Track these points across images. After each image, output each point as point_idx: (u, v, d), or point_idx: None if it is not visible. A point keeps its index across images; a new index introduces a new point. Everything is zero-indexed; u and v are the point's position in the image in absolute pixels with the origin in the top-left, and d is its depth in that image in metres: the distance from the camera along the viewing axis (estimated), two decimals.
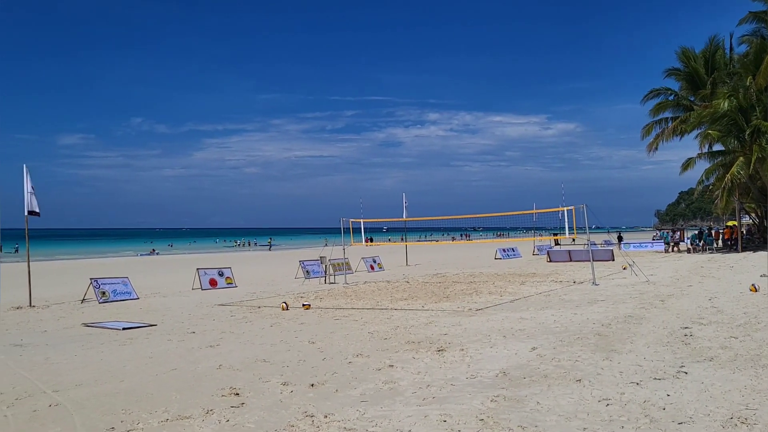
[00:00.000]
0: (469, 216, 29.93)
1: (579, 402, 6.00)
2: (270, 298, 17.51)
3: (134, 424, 5.76)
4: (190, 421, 5.79)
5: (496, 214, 25.75)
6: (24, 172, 17.09)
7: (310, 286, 21.70)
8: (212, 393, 6.85)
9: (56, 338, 11.33)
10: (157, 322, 13.08)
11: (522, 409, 5.80)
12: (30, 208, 17.12)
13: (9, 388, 7.34)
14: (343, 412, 5.94)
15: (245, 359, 8.75)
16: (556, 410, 5.73)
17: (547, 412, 5.70)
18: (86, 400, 6.68)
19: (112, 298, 17.64)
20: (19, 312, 15.59)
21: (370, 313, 13.69)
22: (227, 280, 21.99)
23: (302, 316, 13.49)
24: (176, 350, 9.69)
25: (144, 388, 7.22)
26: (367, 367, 7.98)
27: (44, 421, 5.93)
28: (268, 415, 5.91)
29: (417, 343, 9.60)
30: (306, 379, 7.38)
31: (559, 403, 5.96)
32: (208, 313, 14.53)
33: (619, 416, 5.50)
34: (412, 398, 6.37)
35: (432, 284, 20.98)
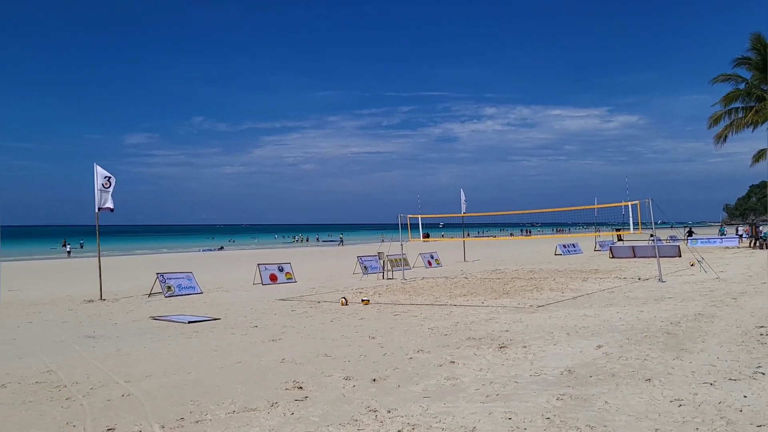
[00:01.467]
0: (527, 211, 29.50)
1: (649, 402, 5.80)
2: (329, 294, 17.67)
3: (202, 415, 5.90)
4: (255, 414, 5.88)
5: (556, 209, 25.22)
6: (94, 170, 17.76)
7: (368, 281, 21.80)
8: (276, 386, 6.95)
9: (126, 331, 11.74)
10: (221, 316, 13.38)
11: (589, 409, 5.66)
12: (101, 205, 17.77)
13: (84, 378, 7.64)
14: (406, 407, 5.92)
15: (307, 353, 8.85)
16: (626, 410, 5.56)
17: (616, 411, 5.54)
18: (156, 391, 6.88)
19: (177, 293, 18.16)
20: (90, 305, 16.23)
21: (429, 309, 13.64)
22: (287, 276, 22.32)
23: (361, 311, 13.55)
24: (240, 344, 9.89)
25: (210, 380, 7.38)
26: (428, 363, 7.95)
27: (118, 411, 6.14)
28: (332, 409, 5.95)
29: (478, 340, 9.50)
30: (368, 374, 7.41)
31: (629, 403, 5.78)
32: (269, 307, 14.78)
33: (692, 417, 5.29)
34: (475, 395, 6.30)
35: (491, 280, 20.76)
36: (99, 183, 17.72)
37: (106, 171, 17.82)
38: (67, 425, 5.70)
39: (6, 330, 12.12)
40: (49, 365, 8.51)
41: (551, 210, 25.69)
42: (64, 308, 15.58)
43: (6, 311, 15.19)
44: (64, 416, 6.00)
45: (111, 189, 17.85)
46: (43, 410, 6.24)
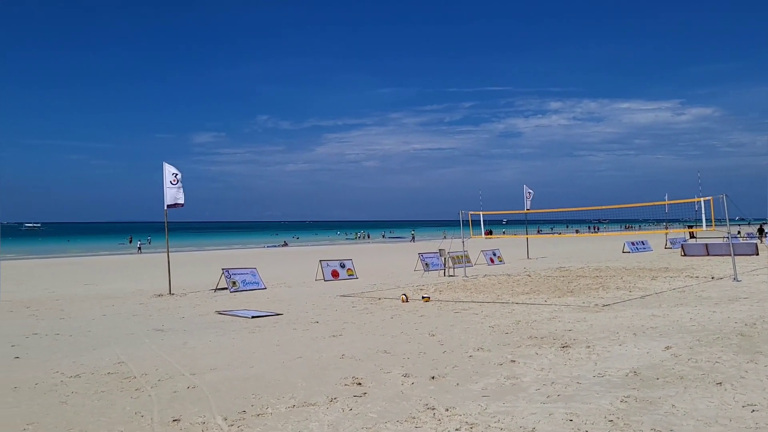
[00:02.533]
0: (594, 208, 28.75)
1: (720, 407, 5.56)
2: (390, 290, 17.72)
3: (263, 408, 6.01)
4: (315, 408, 5.95)
5: (624, 205, 24.49)
6: (163, 169, 18.37)
7: (429, 278, 21.75)
8: (336, 382, 7.01)
9: (193, 324, 12.10)
10: (283, 311, 13.62)
11: (655, 412, 5.46)
12: (169, 202, 18.37)
13: (153, 370, 7.92)
14: (465, 406, 5.87)
15: (367, 350, 8.90)
16: (694, 414, 5.34)
17: (684, 416, 5.33)
18: (220, 384, 7.06)
19: (241, 288, 18.59)
20: (160, 299, 16.81)
21: (490, 306, 13.49)
22: (348, 272, 22.52)
23: (422, 308, 13.53)
24: (301, 339, 10.03)
25: (272, 374, 7.52)
26: (488, 362, 7.86)
27: (183, 402, 6.33)
28: (390, 406, 5.96)
29: (540, 339, 9.33)
30: (427, 372, 7.38)
31: (697, 407, 5.55)
32: (330, 303, 14.95)
33: (766, 424, 5.03)
34: (535, 395, 6.18)
35: (555, 278, 20.36)
36: (167, 180, 18.32)
37: (173, 167, 18.39)
38: (136, 415, 5.92)
39: (82, 322, 12.70)
40: (120, 357, 8.87)
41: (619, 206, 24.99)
42: (136, 302, 16.20)
43: (82, 304, 15.92)
44: (133, 406, 6.24)
45: (179, 184, 18.41)
46: (113, 400, 6.51)
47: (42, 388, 7.10)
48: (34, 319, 13.25)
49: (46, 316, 13.81)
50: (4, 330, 11.81)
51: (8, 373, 8.00)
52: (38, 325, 12.35)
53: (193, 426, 5.51)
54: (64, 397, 6.67)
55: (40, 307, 15.33)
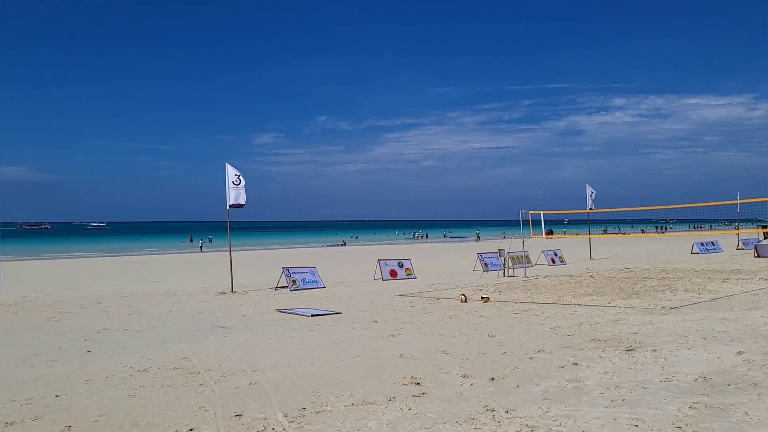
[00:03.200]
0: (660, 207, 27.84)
1: None
2: (448, 290, 17.63)
3: (323, 406, 6.07)
4: (373, 407, 5.97)
5: (692, 204, 23.59)
6: (226, 170, 18.81)
7: (488, 278, 21.53)
8: (394, 381, 7.01)
9: (254, 322, 12.34)
10: (342, 310, 13.73)
11: (726, 419, 5.23)
12: (232, 202, 18.80)
13: (216, 366, 8.11)
14: (525, 408, 5.77)
15: (425, 349, 8.87)
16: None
17: (758, 424, 5.08)
18: (280, 381, 7.17)
19: (301, 286, 18.85)
20: (223, 297, 17.22)
21: (551, 308, 13.24)
22: (407, 272, 22.52)
23: (481, 308, 13.40)
24: (360, 338, 10.09)
25: (331, 372, 7.59)
26: (549, 364, 7.71)
27: (245, 398, 6.46)
28: (449, 407, 5.91)
29: (603, 341, 9.09)
30: (486, 373, 7.30)
31: None
32: (388, 303, 14.98)
33: None
34: (599, 399, 6.02)
35: (619, 279, 19.81)
36: (230, 180, 18.75)
37: (236, 170, 18.82)
38: (200, 409, 6.07)
39: (149, 318, 13.13)
40: (185, 352, 9.13)
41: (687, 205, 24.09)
42: (200, 299, 16.64)
43: (149, 301, 16.47)
44: (197, 401, 6.40)
45: (241, 185, 18.82)
46: (179, 394, 6.70)
47: (112, 381, 7.38)
48: (104, 315, 13.79)
49: (116, 312, 14.36)
50: (78, 325, 12.33)
51: (81, 366, 8.35)
52: (108, 321, 12.84)
53: (254, 421, 5.61)
54: (133, 390, 6.91)
55: (110, 304, 15.95)
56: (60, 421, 5.79)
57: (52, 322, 12.88)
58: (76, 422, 5.76)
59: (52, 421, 5.83)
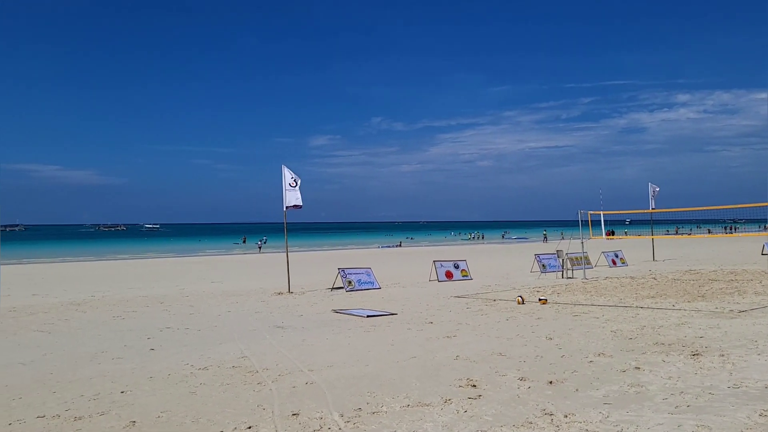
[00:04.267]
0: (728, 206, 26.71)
1: None
2: (505, 292, 17.41)
3: (378, 406, 6.07)
4: (429, 409, 5.93)
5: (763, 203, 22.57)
6: (283, 172, 19.10)
7: (546, 280, 21.15)
8: (450, 383, 6.96)
9: (310, 322, 12.47)
10: (398, 311, 13.73)
11: None
12: (288, 203, 19.08)
13: (273, 365, 8.23)
14: (585, 413, 5.63)
15: (481, 351, 8.77)
16: None
17: None
18: (336, 381, 7.22)
19: (357, 287, 18.96)
20: (280, 297, 17.48)
21: (612, 310, 12.90)
22: (462, 273, 22.36)
23: (538, 310, 13.17)
24: (415, 339, 10.06)
25: (386, 373, 7.59)
26: (610, 368, 7.50)
27: (302, 397, 6.52)
28: (506, 410, 5.82)
29: (667, 345, 8.79)
30: (544, 376, 7.16)
31: None
32: (444, 304, 14.89)
33: None
34: (662, 405, 5.82)
35: (684, 281, 19.14)
36: (286, 183, 19.03)
37: (292, 172, 19.09)
38: (258, 408, 6.17)
39: (209, 318, 13.45)
40: (244, 351, 9.30)
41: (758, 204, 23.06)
42: (257, 299, 16.94)
43: (209, 300, 16.87)
44: (255, 399, 6.51)
45: (297, 187, 19.09)
46: (238, 393, 6.82)
47: (174, 379, 7.58)
48: (167, 314, 14.19)
49: (177, 311, 14.76)
50: (141, 324, 12.73)
51: (145, 363, 8.62)
52: (170, 320, 13.21)
53: (311, 420, 5.66)
54: (194, 388, 7.08)
55: (172, 303, 16.41)
56: (125, 417, 5.99)
57: (117, 320, 13.34)
58: (140, 418, 5.94)
59: (117, 416, 6.03)
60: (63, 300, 17.66)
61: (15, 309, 15.54)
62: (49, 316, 14.06)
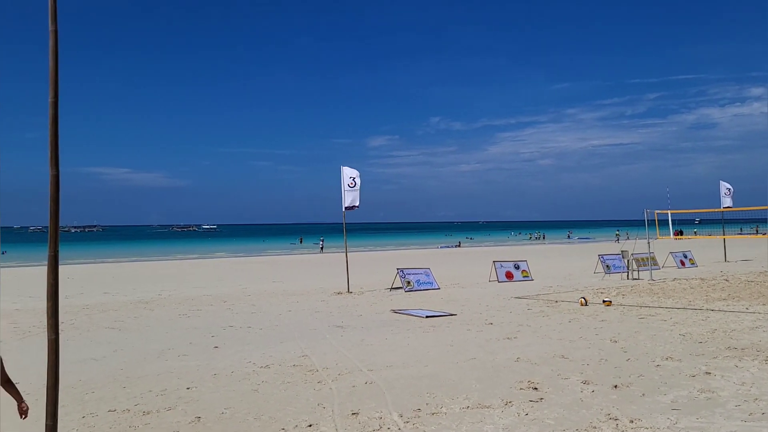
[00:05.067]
0: None
1: None
2: (567, 293, 17.05)
3: (438, 407, 6.04)
4: (489, 411, 5.86)
5: None
6: (342, 172, 19.26)
7: (610, 281, 20.60)
8: (510, 385, 6.86)
9: (369, 322, 12.52)
10: (457, 311, 13.63)
11: None
12: (347, 204, 19.22)
13: (333, 364, 8.30)
14: (652, 418, 5.44)
15: (543, 354, 8.61)
16: None
17: None
18: (395, 381, 7.22)
19: (415, 287, 18.93)
20: (339, 297, 17.63)
21: (681, 313, 12.44)
22: (523, 273, 22.02)
23: (602, 312, 12.84)
24: (475, 340, 9.96)
25: (446, 374, 7.54)
26: (678, 372, 7.24)
27: (361, 397, 6.56)
28: (568, 413, 5.69)
29: (740, 350, 8.42)
30: (608, 380, 6.97)
31: None
32: (504, 305, 14.70)
33: None
34: (735, 411, 5.57)
35: (758, 283, 18.29)
36: (345, 183, 19.18)
37: (351, 169, 19.22)
38: (318, 406, 6.23)
39: (271, 317, 13.69)
40: (304, 350, 9.42)
41: None
42: (317, 299, 17.14)
43: (270, 300, 17.17)
44: (315, 398, 6.58)
45: (357, 187, 19.20)
46: (298, 391, 6.91)
47: (237, 376, 7.75)
48: (230, 313, 14.52)
49: (240, 310, 15.08)
50: (206, 322, 13.07)
51: (209, 361, 8.84)
52: (233, 318, 13.51)
53: (370, 420, 5.68)
54: (256, 386, 7.22)
55: (235, 302, 16.78)
56: (191, 412, 6.16)
57: (183, 318, 13.74)
58: (205, 414, 6.10)
59: (183, 412, 6.21)
60: (132, 298, 18.32)
61: (88, 307, 16.21)
62: (119, 314, 14.62)
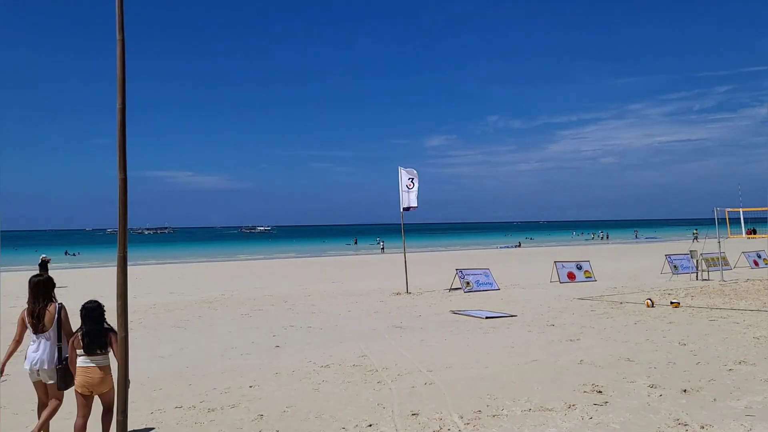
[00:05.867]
0: None
1: None
2: (633, 294, 16.56)
3: (498, 410, 5.96)
4: (552, 414, 5.75)
5: None
6: (399, 173, 19.27)
7: (678, 282, 19.90)
8: (574, 388, 6.71)
9: (429, 323, 12.48)
10: (517, 313, 13.44)
11: None
12: (405, 204, 19.22)
13: (392, 365, 8.31)
14: (724, 425, 5.22)
15: (607, 356, 8.39)
16: None
17: None
18: (455, 382, 7.17)
19: (475, 288, 18.76)
20: (398, 297, 17.64)
21: (754, 315, 11.91)
22: (586, 274, 21.53)
23: (670, 314, 12.41)
24: (536, 342, 9.79)
25: (506, 375, 7.44)
26: (752, 377, 6.92)
27: (421, 398, 6.54)
28: (635, 418, 5.52)
29: None
30: (677, 384, 6.73)
31: None
32: (566, 306, 14.40)
33: None
34: None
35: None
36: (403, 184, 19.19)
37: (409, 171, 19.21)
38: (378, 406, 6.25)
39: (331, 317, 13.82)
40: (363, 350, 9.46)
41: None
42: (376, 300, 17.20)
43: (330, 300, 17.34)
44: (375, 398, 6.60)
45: (414, 188, 19.18)
46: (358, 391, 6.95)
47: (298, 375, 7.85)
48: (290, 313, 14.74)
49: (300, 310, 15.29)
50: (268, 322, 13.31)
51: (271, 360, 8.99)
52: (294, 318, 13.71)
53: (430, 421, 5.66)
54: (316, 385, 7.29)
55: (295, 302, 17.02)
56: (254, 410, 6.27)
57: (245, 318, 14.03)
58: (267, 412, 6.20)
59: (246, 409, 6.33)
60: (197, 298, 18.83)
61: (155, 306, 16.76)
62: (184, 313, 15.05)
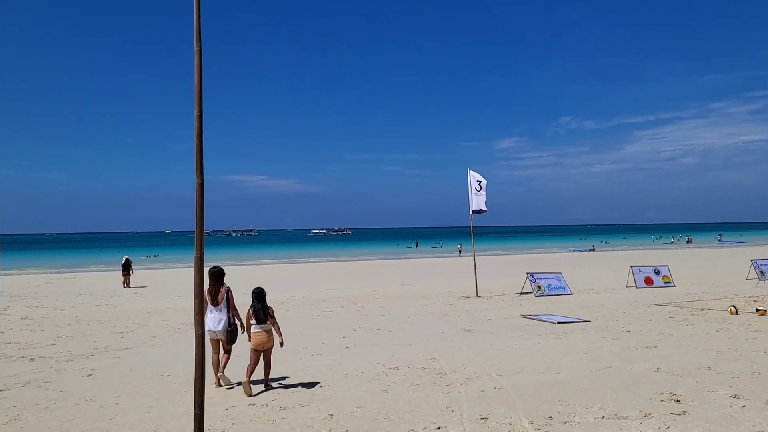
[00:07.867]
0: None
1: None
2: (715, 300, 15.84)
3: (570, 416, 5.83)
4: (626, 422, 5.57)
5: None
6: (468, 176, 19.13)
7: (764, 288, 18.89)
8: (650, 396, 6.48)
9: (498, 326, 12.33)
10: (591, 318, 13.09)
11: None
12: (475, 207, 19.06)
13: (461, 368, 8.26)
14: None
15: (686, 364, 8.06)
16: None
17: None
18: (525, 387, 7.06)
19: (546, 292, 18.40)
20: (467, 301, 17.51)
21: None
22: (664, 279, 20.74)
23: (756, 322, 11.80)
24: (610, 348, 9.52)
25: (579, 382, 7.27)
26: None
27: (490, 402, 6.47)
28: (716, 429, 5.29)
29: None
30: (762, 395, 6.40)
31: None
32: (643, 312, 13.92)
33: None
34: None
35: None
36: (472, 187, 19.03)
37: (478, 174, 19.05)
38: (447, 409, 6.23)
39: (399, 320, 13.86)
40: (432, 353, 9.45)
41: None
42: (445, 303, 17.13)
43: (399, 302, 17.39)
44: (444, 401, 6.58)
45: (483, 192, 19.00)
46: (427, 393, 6.95)
47: (367, 377, 7.92)
48: (360, 315, 14.88)
49: (370, 312, 15.41)
50: (338, 323, 13.48)
51: (340, 361, 9.11)
52: (363, 320, 13.83)
53: (500, 426, 5.59)
54: (385, 386, 7.34)
55: (364, 304, 17.17)
56: (324, 410, 6.37)
57: (316, 319, 14.26)
58: (337, 411, 6.29)
59: (317, 408, 6.44)
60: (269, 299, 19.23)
61: None
62: None
